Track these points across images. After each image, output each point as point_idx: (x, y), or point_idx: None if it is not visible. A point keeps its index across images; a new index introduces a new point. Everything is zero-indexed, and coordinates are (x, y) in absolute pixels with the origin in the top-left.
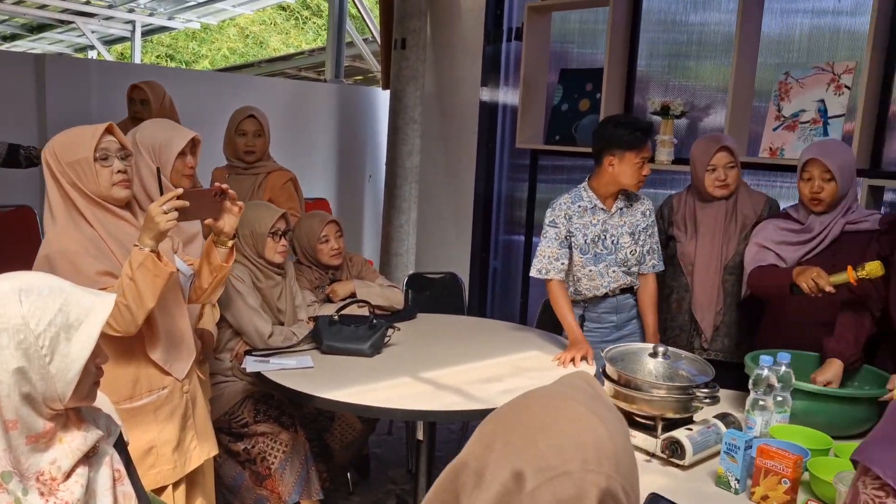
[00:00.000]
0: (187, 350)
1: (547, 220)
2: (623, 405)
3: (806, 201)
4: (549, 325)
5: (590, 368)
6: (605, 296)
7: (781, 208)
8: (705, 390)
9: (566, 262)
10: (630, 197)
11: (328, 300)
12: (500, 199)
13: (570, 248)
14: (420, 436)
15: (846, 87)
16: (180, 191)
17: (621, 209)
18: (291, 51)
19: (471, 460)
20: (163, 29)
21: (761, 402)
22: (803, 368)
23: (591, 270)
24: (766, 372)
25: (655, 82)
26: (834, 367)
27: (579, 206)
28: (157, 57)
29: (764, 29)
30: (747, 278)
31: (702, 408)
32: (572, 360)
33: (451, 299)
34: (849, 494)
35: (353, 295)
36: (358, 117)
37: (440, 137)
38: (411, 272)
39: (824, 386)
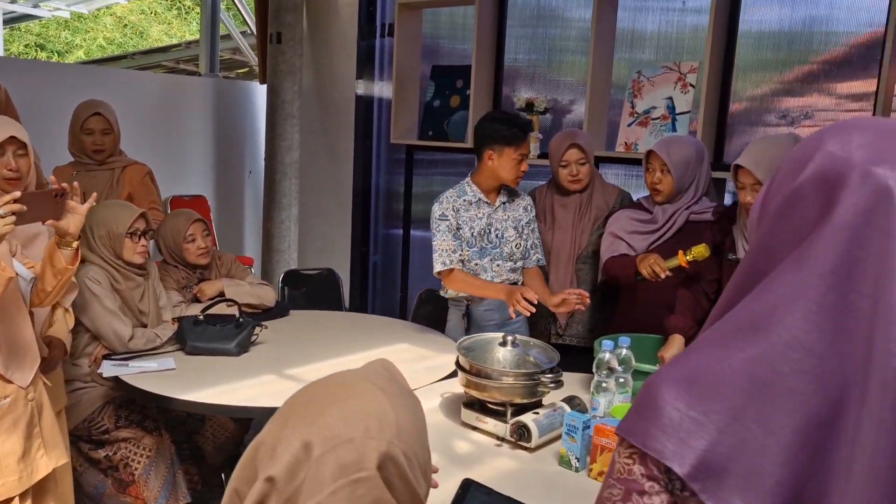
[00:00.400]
0: (31, 357)
1: (436, 215)
2: (475, 393)
3: (649, 191)
4: (424, 318)
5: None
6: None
7: (636, 199)
8: (550, 375)
9: (460, 253)
10: (511, 192)
11: (196, 300)
12: (378, 193)
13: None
14: None
15: (691, 85)
16: (17, 194)
17: (504, 203)
18: (174, 42)
19: (267, 437)
20: (28, 17)
21: (604, 385)
22: (651, 350)
23: (476, 264)
24: (607, 356)
25: (524, 78)
26: (676, 343)
27: (464, 200)
28: (26, 46)
29: (620, 25)
30: (602, 267)
31: (548, 392)
32: (527, 300)
33: (330, 295)
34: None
35: (221, 294)
36: (235, 112)
37: (320, 132)
38: (287, 269)
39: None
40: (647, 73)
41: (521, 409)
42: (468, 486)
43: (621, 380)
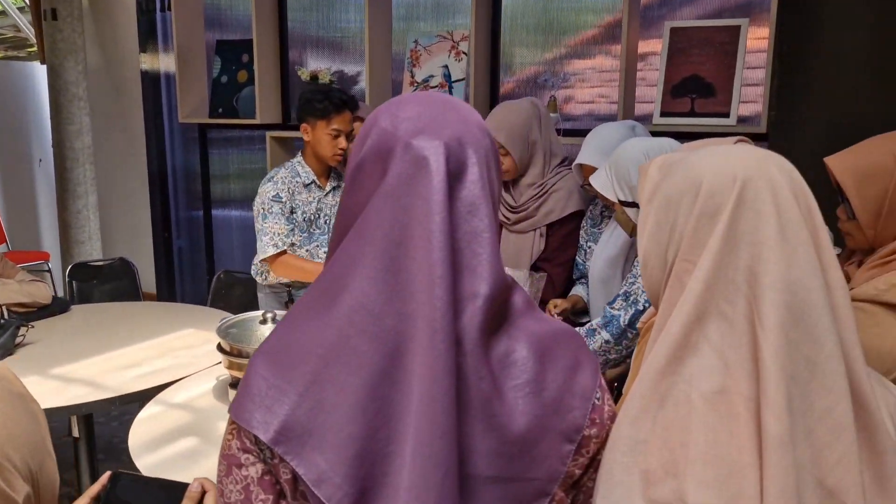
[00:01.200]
0: None
1: (269, 195)
2: (239, 374)
3: None
4: (223, 303)
5: None
6: None
7: None
8: None
9: (293, 237)
10: (341, 176)
11: None
12: (175, 174)
13: None
14: (76, 433)
15: (464, 53)
16: None
17: (335, 188)
18: None
19: None
20: None
21: None
22: None
23: (306, 250)
24: None
25: (311, 49)
26: None
27: (298, 182)
28: None
29: None
30: None
31: None
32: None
33: (125, 286)
34: None
35: None
36: (14, 96)
37: (112, 114)
38: (74, 263)
39: None
40: (424, 42)
41: None
42: (117, 479)
43: None
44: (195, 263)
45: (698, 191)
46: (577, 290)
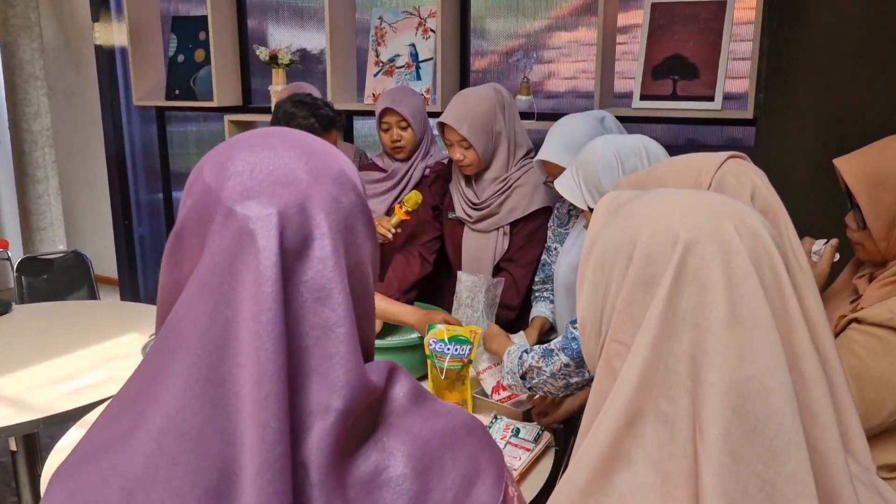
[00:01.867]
0: None
1: None
2: None
3: (388, 150)
4: None
5: None
6: None
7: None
8: None
9: None
10: None
11: None
12: (134, 156)
13: None
14: (13, 446)
15: (431, 30)
16: None
17: None
18: None
19: None
20: None
21: None
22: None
23: None
24: None
25: (273, 27)
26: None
27: None
28: None
29: None
30: None
31: None
32: None
33: (78, 281)
34: None
35: None
36: None
37: (72, 93)
38: (23, 257)
39: None
40: (389, 20)
41: None
42: None
43: None
44: (158, 252)
45: (632, 252)
46: (539, 310)
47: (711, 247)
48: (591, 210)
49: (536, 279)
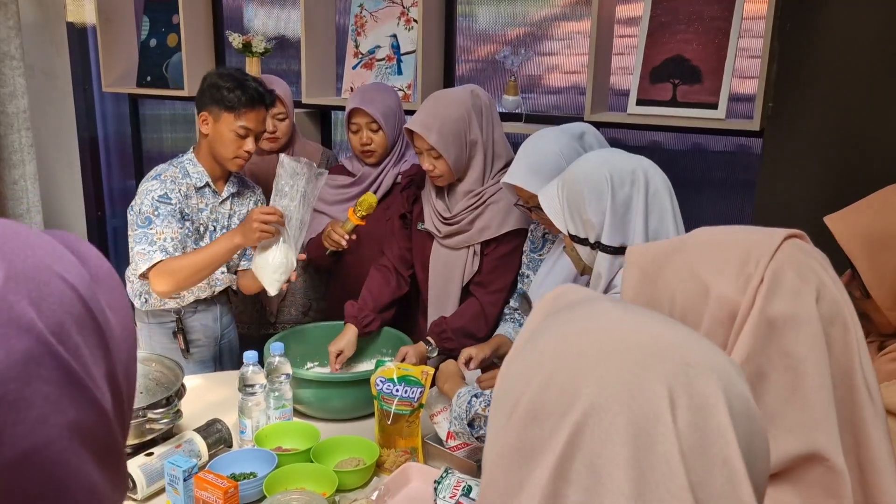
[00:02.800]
0: None
1: (156, 195)
2: None
3: (358, 154)
4: None
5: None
6: (209, 300)
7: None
8: (161, 410)
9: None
10: (242, 182)
11: None
12: (108, 143)
13: None
14: None
15: (414, 20)
16: None
17: (233, 195)
18: None
19: None
20: None
21: (249, 404)
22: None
23: None
24: (249, 370)
25: (250, 11)
26: (348, 335)
27: (187, 184)
28: None
29: None
30: (306, 246)
31: (161, 430)
32: None
33: None
34: None
35: None
36: None
37: (52, 74)
38: None
39: (337, 354)
40: (370, 8)
41: (134, 452)
42: None
43: (276, 394)
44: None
45: (516, 403)
46: (504, 329)
47: (620, 420)
48: (570, 237)
49: (510, 303)
